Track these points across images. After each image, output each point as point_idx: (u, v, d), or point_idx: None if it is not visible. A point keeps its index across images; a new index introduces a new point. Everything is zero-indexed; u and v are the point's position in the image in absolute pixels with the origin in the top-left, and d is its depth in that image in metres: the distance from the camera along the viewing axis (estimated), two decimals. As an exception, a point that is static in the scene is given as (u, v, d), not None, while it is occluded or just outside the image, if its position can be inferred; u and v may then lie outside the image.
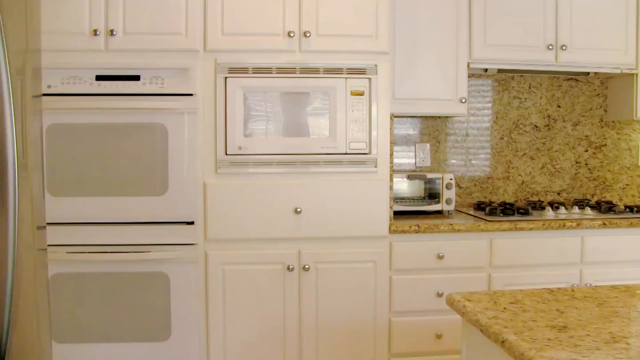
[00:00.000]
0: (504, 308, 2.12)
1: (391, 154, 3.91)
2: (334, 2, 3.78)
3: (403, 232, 3.90)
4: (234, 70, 3.71)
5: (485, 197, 4.82)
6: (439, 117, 4.69)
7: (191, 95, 3.67)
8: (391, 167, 3.91)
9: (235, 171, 3.73)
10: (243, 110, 3.72)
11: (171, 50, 3.66)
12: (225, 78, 3.70)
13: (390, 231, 3.89)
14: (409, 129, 4.70)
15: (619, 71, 4.58)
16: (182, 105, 3.65)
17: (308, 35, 3.74)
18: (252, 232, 3.76)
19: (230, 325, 3.78)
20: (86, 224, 3.64)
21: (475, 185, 4.81)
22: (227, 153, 3.71)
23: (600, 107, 5.00)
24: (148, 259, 3.66)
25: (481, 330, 1.99)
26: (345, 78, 3.80)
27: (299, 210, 3.76)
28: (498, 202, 4.68)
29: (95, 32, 3.59)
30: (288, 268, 3.78)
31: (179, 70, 3.66)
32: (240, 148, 3.72)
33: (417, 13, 4.22)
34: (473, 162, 4.80)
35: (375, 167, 3.85)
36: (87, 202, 3.63)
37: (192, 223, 3.70)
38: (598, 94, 4.99)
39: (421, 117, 4.67)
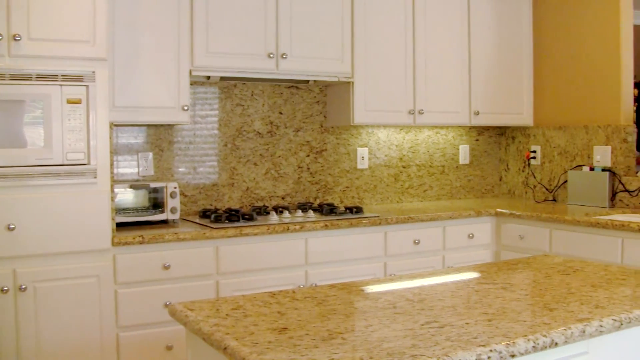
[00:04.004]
0: (226, 315, 2.11)
1: (112, 164, 3.77)
2: (48, 5, 3.57)
3: (127, 243, 3.78)
4: None
5: (211, 205, 4.82)
6: (162, 125, 4.62)
7: None
8: (112, 177, 3.77)
9: (-62, 187, 3.41)
10: (-55, 121, 3.41)
11: None
12: None
13: (114, 243, 3.76)
14: (131, 138, 4.57)
15: (336, 79, 4.79)
16: None
17: (18, 39, 3.50)
18: (-40, 252, 3.45)
19: (-63, 357, 3.44)
20: None
21: (200, 193, 4.79)
22: None
23: (320, 113, 5.20)
24: None
25: (204, 339, 1.98)
26: (61, 85, 3.61)
27: (12, 226, 3.50)
28: (224, 209, 4.70)
29: None
30: (2, 290, 3.51)
31: None
32: (-58, 162, 3.40)
33: (138, 19, 4.12)
34: (199, 169, 4.78)
35: (95, 177, 3.69)
36: None
37: None
38: (318, 101, 5.18)
39: (145, 125, 4.57)
